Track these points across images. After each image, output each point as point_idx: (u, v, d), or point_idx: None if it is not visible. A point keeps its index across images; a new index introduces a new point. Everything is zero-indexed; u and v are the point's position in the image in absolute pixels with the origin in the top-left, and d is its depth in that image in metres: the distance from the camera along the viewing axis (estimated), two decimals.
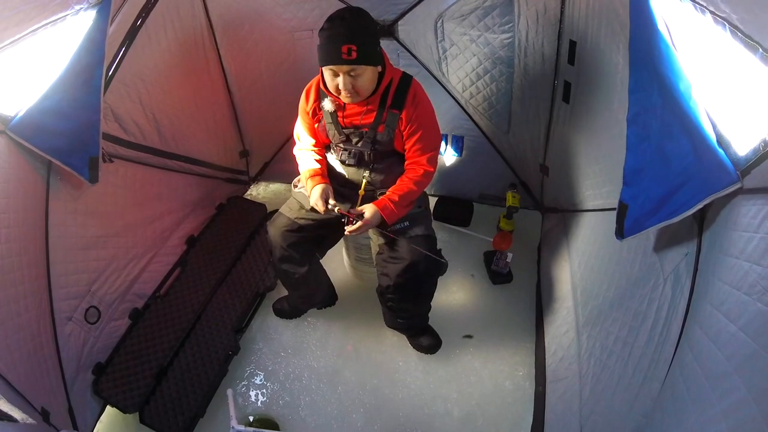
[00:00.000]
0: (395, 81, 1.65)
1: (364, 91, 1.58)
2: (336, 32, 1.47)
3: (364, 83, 1.55)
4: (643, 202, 1.23)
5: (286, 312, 2.23)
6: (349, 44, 1.45)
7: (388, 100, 1.65)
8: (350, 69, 1.50)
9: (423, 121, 1.68)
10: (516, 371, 2.01)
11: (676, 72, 1.10)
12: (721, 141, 1.02)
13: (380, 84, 1.62)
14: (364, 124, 1.69)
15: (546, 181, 2.39)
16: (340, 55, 1.46)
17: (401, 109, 1.65)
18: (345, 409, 1.93)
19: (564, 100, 1.96)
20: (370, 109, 1.66)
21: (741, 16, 0.89)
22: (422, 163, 1.71)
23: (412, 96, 1.65)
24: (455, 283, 2.36)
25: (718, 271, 1.00)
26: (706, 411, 0.88)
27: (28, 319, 1.53)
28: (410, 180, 1.71)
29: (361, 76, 1.53)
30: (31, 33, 1.31)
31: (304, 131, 1.84)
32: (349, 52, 1.45)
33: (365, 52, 1.48)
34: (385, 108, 1.65)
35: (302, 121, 1.82)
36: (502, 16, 1.93)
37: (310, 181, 1.75)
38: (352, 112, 1.68)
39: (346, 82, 1.52)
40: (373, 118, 1.67)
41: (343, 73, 1.51)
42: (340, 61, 1.47)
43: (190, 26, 2.10)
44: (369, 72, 1.54)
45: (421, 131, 1.68)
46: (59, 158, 1.63)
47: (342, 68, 1.50)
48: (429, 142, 1.71)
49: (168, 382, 1.94)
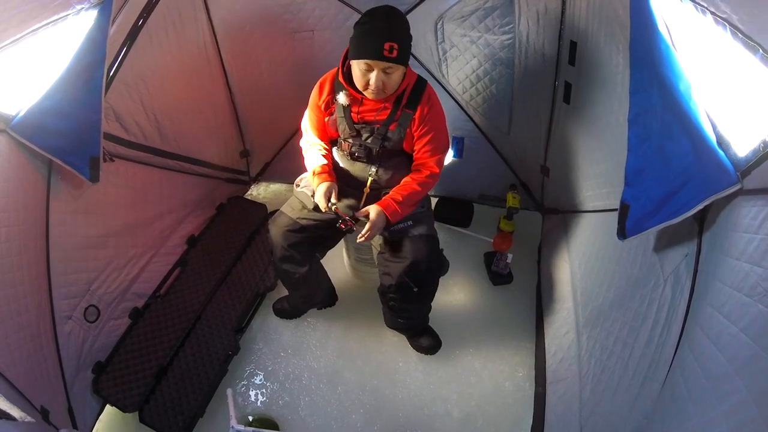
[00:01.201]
0: (411, 82, 1.67)
1: (392, 89, 1.59)
2: (379, 27, 1.48)
3: (395, 82, 1.57)
4: (644, 202, 1.23)
5: (287, 312, 2.23)
6: (392, 42, 1.46)
7: (404, 100, 1.66)
8: (387, 66, 1.51)
9: (435, 124, 1.70)
10: (516, 372, 2.01)
11: (676, 73, 1.10)
12: (722, 142, 1.02)
13: (401, 82, 1.63)
14: (377, 120, 1.70)
15: (546, 182, 2.39)
16: (382, 51, 1.46)
17: (415, 109, 1.66)
18: (345, 410, 1.93)
19: (565, 100, 1.96)
20: (385, 107, 1.68)
21: (741, 17, 0.89)
22: (430, 165, 1.73)
23: (427, 98, 1.67)
24: (455, 284, 2.36)
25: (718, 273, 0.99)
26: (707, 412, 0.88)
27: (28, 318, 1.53)
28: (414, 181, 1.72)
29: (394, 74, 1.54)
30: (32, 32, 1.31)
31: (311, 126, 1.84)
32: (391, 50, 1.46)
33: (405, 52, 1.51)
34: (400, 107, 1.66)
35: (311, 114, 1.82)
36: (502, 17, 1.93)
37: (316, 178, 1.74)
38: (368, 108, 1.69)
39: (379, 79, 1.53)
40: (387, 115, 1.68)
41: (379, 69, 1.51)
42: (381, 57, 1.47)
43: (191, 27, 2.10)
44: (401, 72, 1.56)
45: (433, 133, 1.70)
46: (60, 157, 1.63)
47: (379, 65, 1.50)
48: (439, 144, 1.73)
49: (168, 382, 1.94)
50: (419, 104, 1.67)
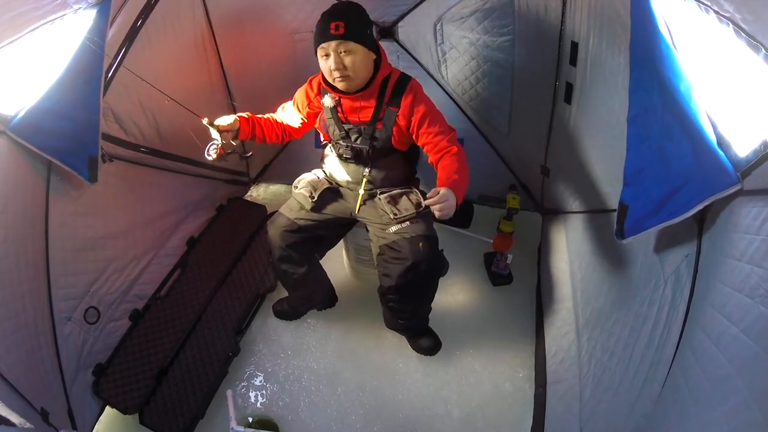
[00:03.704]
0: (393, 77, 1.66)
1: (356, 73, 1.58)
2: (325, 14, 1.55)
3: (355, 63, 1.56)
4: (644, 202, 1.23)
5: (286, 313, 2.22)
6: (337, 21, 1.51)
7: (386, 96, 1.65)
8: (338, 44, 1.52)
9: (426, 110, 1.65)
10: (516, 373, 2.01)
11: (676, 72, 1.10)
12: (722, 142, 1.02)
13: (376, 75, 1.63)
14: (362, 120, 1.70)
15: (547, 183, 2.38)
16: (328, 31, 1.51)
17: (398, 105, 1.65)
18: (345, 411, 1.93)
19: (566, 101, 1.95)
20: (366, 105, 1.67)
21: (745, 16, 0.89)
22: (445, 146, 1.63)
23: (409, 92, 1.66)
24: (455, 285, 2.36)
25: (719, 273, 0.99)
26: (708, 413, 0.87)
27: (26, 319, 1.52)
28: (450, 160, 1.60)
29: (351, 54, 1.54)
30: (30, 32, 1.31)
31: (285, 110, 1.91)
32: (337, 27, 1.50)
33: (353, 28, 1.52)
34: (383, 104, 1.66)
35: (291, 106, 1.88)
36: (501, 19, 1.93)
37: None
38: (349, 107, 1.69)
39: (335, 61, 1.55)
40: (371, 114, 1.68)
41: (333, 51, 1.54)
42: (328, 36, 1.52)
43: (190, 27, 2.10)
44: (360, 53, 1.56)
45: (429, 117, 1.65)
46: (59, 158, 1.63)
47: (331, 45, 1.53)
48: (442, 126, 1.67)
49: (168, 384, 1.93)
50: (402, 99, 1.65)
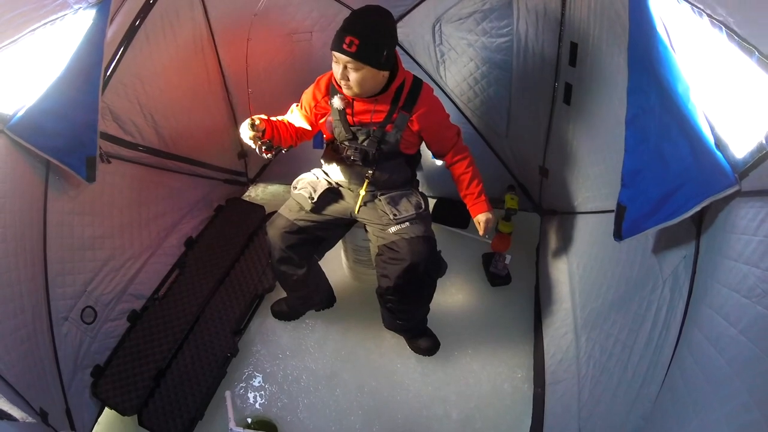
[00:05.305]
0: (408, 83, 1.67)
1: (359, 87, 1.58)
2: (348, 21, 1.51)
3: (360, 81, 1.55)
4: (641, 203, 1.23)
5: (285, 314, 2.22)
6: (353, 36, 1.47)
7: (400, 101, 1.66)
8: (348, 61, 1.51)
9: (441, 117, 1.76)
10: (515, 373, 2.01)
11: (674, 74, 1.10)
12: (719, 143, 1.02)
13: (391, 84, 1.63)
14: (374, 122, 1.70)
15: (545, 184, 2.39)
16: (342, 44, 1.48)
17: (411, 111, 1.67)
18: (343, 411, 1.93)
19: (565, 101, 1.96)
20: (380, 109, 1.67)
21: (738, 20, 0.89)
22: (461, 148, 1.83)
23: (423, 98, 1.68)
24: (453, 285, 2.36)
25: (716, 274, 0.99)
26: (707, 415, 0.87)
27: (25, 319, 1.52)
28: (468, 167, 1.82)
29: (357, 72, 1.53)
30: (30, 32, 1.31)
31: (293, 113, 1.84)
32: (351, 44, 1.47)
33: (365, 48, 1.48)
34: (396, 108, 1.66)
35: (299, 110, 1.83)
36: (500, 19, 1.93)
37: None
38: (361, 110, 1.69)
39: (343, 74, 1.55)
40: (383, 117, 1.68)
41: (341, 62, 1.53)
42: (340, 49, 1.50)
43: (188, 27, 2.09)
44: (368, 72, 1.54)
45: (444, 123, 1.78)
46: (57, 158, 1.62)
47: (340, 57, 1.52)
48: (454, 129, 1.82)
49: (166, 385, 1.93)
50: (415, 105, 1.67)
